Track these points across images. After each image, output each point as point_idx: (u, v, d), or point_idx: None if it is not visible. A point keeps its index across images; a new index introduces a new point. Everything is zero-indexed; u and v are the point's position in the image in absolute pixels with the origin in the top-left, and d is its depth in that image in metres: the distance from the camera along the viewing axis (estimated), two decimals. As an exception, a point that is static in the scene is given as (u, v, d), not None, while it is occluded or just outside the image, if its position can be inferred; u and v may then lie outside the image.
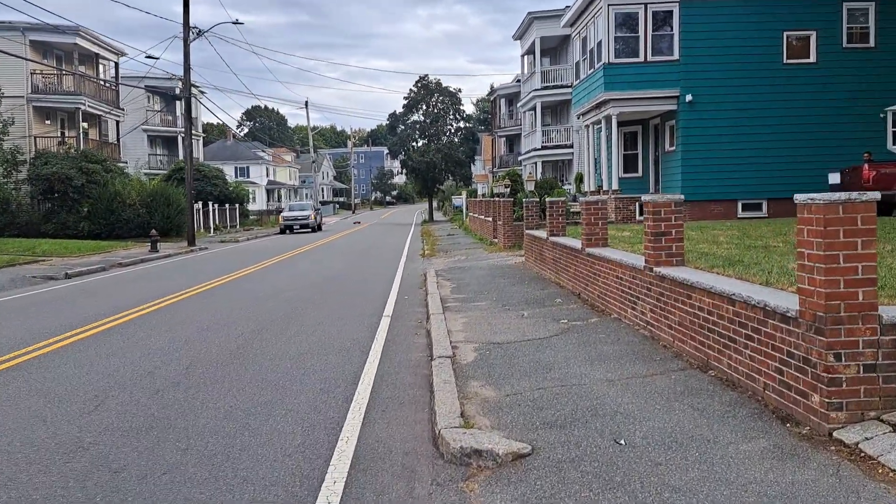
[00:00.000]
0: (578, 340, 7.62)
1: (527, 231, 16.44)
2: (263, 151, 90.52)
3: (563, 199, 13.49)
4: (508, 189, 25.09)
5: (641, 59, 21.47)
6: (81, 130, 37.59)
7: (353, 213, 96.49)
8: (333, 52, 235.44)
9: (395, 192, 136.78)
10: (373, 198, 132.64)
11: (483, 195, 41.82)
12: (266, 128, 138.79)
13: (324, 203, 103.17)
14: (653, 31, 21.31)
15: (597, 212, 10.62)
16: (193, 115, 58.89)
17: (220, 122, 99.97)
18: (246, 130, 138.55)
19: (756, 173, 21.03)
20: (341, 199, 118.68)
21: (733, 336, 5.61)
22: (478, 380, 6.24)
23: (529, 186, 22.83)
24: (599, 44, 22.19)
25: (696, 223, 17.74)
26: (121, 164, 39.32)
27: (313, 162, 69.88)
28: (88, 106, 37.47)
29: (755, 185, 21.08)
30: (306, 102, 66.78)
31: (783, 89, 20.94)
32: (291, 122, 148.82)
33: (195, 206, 40.68)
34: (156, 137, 56.19)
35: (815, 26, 20.97)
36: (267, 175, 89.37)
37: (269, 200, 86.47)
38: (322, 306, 11.68)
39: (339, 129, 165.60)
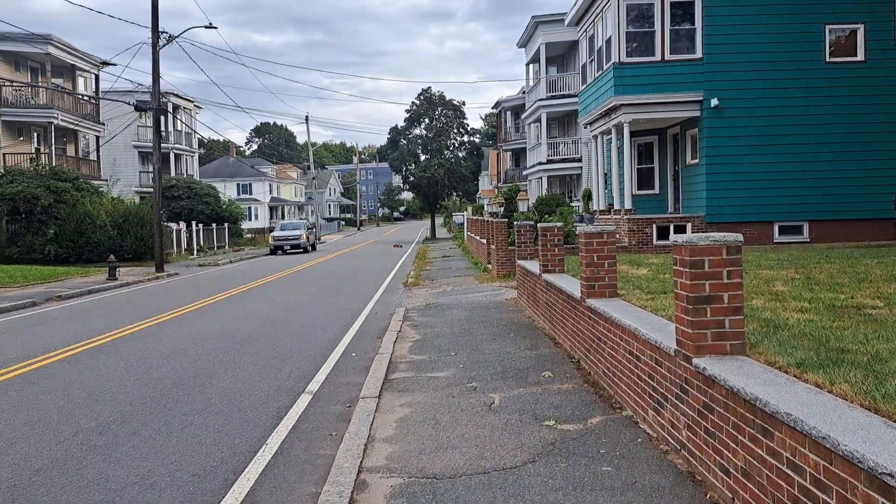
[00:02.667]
0: (566, 480, 4.54)
1: (518, 261, 13.41)
2: (266, 168, 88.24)
3: (558, 224, 10.44)
4: (502, 208, 21.92)
5: (658, 57, 18.44)
6: (54, 146, 35.08)
7: (359, 229, 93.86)
8: (346, 70, 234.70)
9: (402, 208, 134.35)
10: (380, 214, 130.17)
11: (490, 213, 38.87)
12: (276, 144, 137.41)
13: (329, 220, 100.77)
14: (671, 24, 18.29)
15: (602, 247, 7.57)
16: (188, 130, 56.81)
17: (225, 139, 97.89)
18: (255, 147, 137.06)
19: (795, 190, 17.85)
20: (348, 216, 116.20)
21: (894, 570, 2.54)
22: None
23: (522, 206, 19.59)
24: (608, 41, 19.21)
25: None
26: (96, 183, 36.72)
27: (313, 178, 67.21)
28: (61, 120, 34.98)
29: (794, 204, 17.89)
30: (306, 117, 64.09)
31: (826, 92, 17.80)
32: (301, 139, 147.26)
33: (177, 226, 38.10)
34: (147, 154, 53.63)
35: (863, 18, 17.87)
36: (270, 192, 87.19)
37: (272, 217, 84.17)
38: (229, 373, 8.67)
39: (348, 145, 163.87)
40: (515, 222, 13.77)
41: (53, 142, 35.16)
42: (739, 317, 4.43)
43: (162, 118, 50.77)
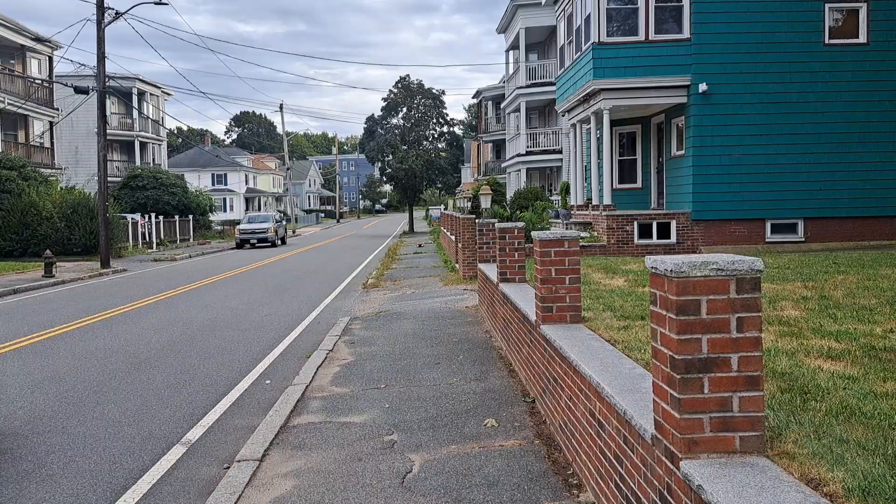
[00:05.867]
0: None
1: (479, 264, 11.71)
2: (242, 158, 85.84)
3: (518, 224, 8.74)
4: (469, 203, 20.19)
5: (641, 37, 16.75)
6: (1, 132, 32.82)
7: (338, 222, 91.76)
8: (330, 61, 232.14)
9: (384, 201, 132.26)
10: (361, 206, 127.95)
11: (459, 208, 37.03)
12: (255, 134, 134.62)
13: (308, 212, 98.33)
14: (657, 1, 16.59)
15: (562, 258, 5.86)
16: (156, 117, 54.39)
17: (201, 128, 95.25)
18: (234, 137, 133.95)
19: (789, 185, 16.26)
20: (328, 208, 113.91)
21: None
22: None
23: (485, 202, 17.79)
24: (588, 19, 17.47)
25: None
26: (48, 171, 34.49)
27: (288, 169, 65.18)
28: (9, 104, 32.69)
29: (788, 199, 16.31)
30: (280, 105, 62.01)
31: (824, 77, 16.20)
32: (283, 130, 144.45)
33: (133, 218, 35.99)
34: (112, 142, 51.19)
35: (865, -4, 16.28)
36: (247, 182, 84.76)
37: (247, 209, 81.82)
38: (97, 410, 6.88)
39: (330, 135, 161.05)
40: (477, 220, 12.05)
41: (1, 127, 32.92)
42: (757, 392, 2.73)
43: (128, 104, 48.63)
